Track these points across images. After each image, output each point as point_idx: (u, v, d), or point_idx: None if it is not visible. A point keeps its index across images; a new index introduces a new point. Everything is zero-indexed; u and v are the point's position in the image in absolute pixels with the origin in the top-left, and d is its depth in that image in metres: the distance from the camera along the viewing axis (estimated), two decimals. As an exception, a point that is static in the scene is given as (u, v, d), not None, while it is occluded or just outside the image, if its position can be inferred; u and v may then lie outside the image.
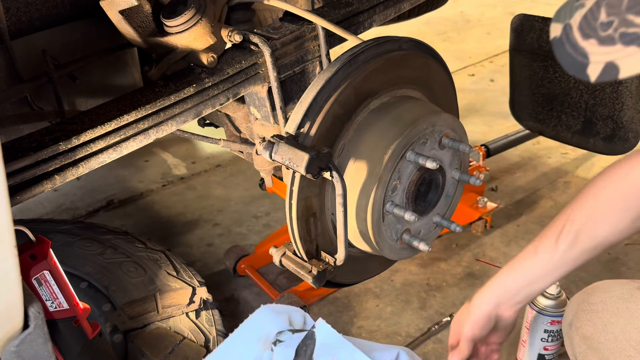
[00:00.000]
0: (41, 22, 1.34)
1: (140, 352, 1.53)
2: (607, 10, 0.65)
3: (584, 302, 1.17)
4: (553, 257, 1.07)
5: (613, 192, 1.05)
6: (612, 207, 1.05)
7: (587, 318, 1.14)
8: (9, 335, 0.85)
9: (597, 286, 1.19)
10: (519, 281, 1.12)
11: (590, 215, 1.05)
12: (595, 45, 0.66)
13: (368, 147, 1.30)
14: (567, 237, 1.06)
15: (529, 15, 1.95)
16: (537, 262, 1.09)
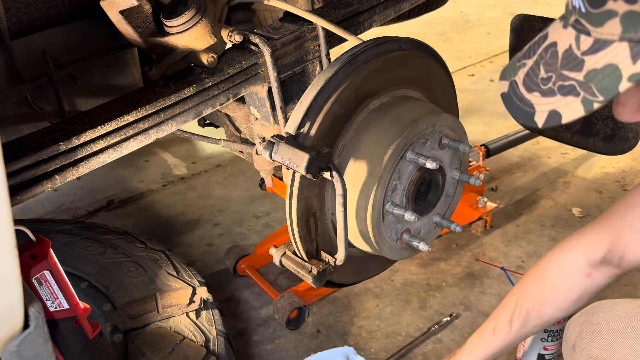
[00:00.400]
0: (41, 22, 1.34)
1: (141, 352, 1.53)
2: (545, 68, 0.76)
3: (586, 322, 1.17)
4: (508, 335, 1.25)
5: (554, 278, 1.21)
6: (555, 292, 1.22)
7: (592, 339, 1.13)
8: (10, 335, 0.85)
9: (599, 305, 1.18)
10: (481, 357, 1.31)
11: (536, 300, 1.23)
12: (539, 97, 0.76)
13: (368, 147, 1.30)
14: (519, 319, 1.24)
15: (529, 15, 1.95)
16: (495, 340, 1.28)
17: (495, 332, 1.26)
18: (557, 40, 0.76)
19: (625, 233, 1.12)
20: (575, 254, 1.19)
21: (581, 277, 1.18)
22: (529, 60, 0.79)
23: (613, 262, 1.14)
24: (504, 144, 2.58)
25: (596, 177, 2.64)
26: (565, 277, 1.20)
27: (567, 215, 2.39)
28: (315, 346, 1.82)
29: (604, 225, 1.17)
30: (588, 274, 1.17)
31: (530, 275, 1.27)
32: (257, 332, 1.89)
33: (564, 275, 1.20)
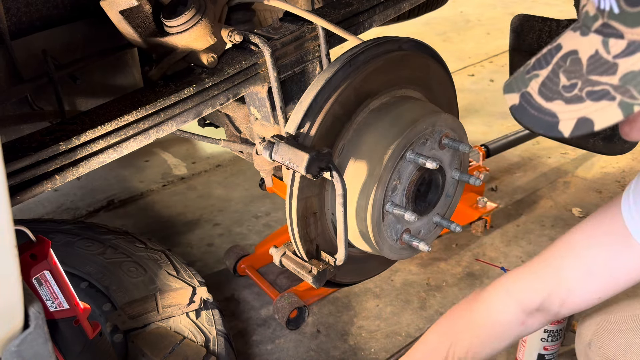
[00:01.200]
0: (41, 22, 1.34)
1: (141, 352, 1.53)
2: (567, 75, 0.73)
3: (603, 320, 1.16)
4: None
5: (487, 327, 1.17)
6: (489, 340, 1.18)
7: (609, 338, 1.13)
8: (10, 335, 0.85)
9: (616, 304, 1.18)
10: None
11: (469, 349, 1.18)
12: (562, 105, 0.73)
13: (368, 147, 1.30)
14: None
15: (529, 15, 1.95)
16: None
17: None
18: (576, 48, 0.73)
19: (567, 278, 1.07)
20: (510, 302, 1.13)
21: (516, 325, 1.14)
22: (543, 71, 0.77)
23: (551, 309, 1.10)
24: (504, 144, 2.58)
25: (596, 177, 2.64)
26: (499, 325, 1.16)
27: (567, 215, 2.39)
28: (315, 346, 1.82)
29: (542, 269, 1.11)
30: (522, 322, 1.13)
31: (459, 319, 1.22)
32: (257, 332, 1.89)
33: (498, 324, 1.16)
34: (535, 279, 1.11)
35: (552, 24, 1.88)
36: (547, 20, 1.89)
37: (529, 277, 1.12)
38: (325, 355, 1.79)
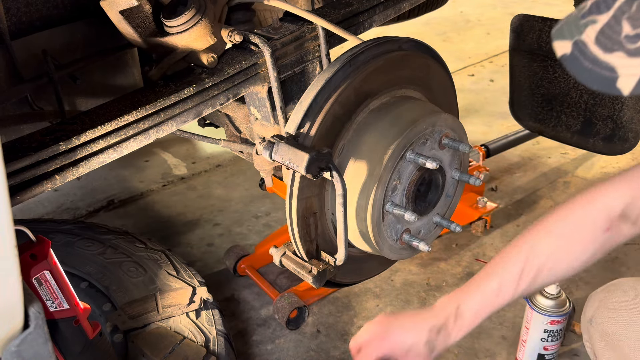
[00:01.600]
0: (41, 22, 1.34)
1: (141, 352, 1.53)
2: (631, 23, 0.63)
3: (605, 299, 1.18)
4: (514, 294, 1.11)
5: (572, 230, 1.08)
6: (572, 245, 1.08)
7: (609, 315, 1.15)
8: (10, 335, 0.85)
9: (620, 283, 1.20)
10: (484, 318, 1.13)
11: (550, 255, 1.08)
12: (624, 58, 0.64)
13: (368, 147, 1.30)
14: (528, 277, 1.08)
15: (529, 15, 1.95)
16: (499, 300, 1.12)
17: (499, 294, 1.10)
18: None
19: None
20: (597, 205, 1.06)
21: (601, 231, 1.05)
22: (602, 16, 0.66)
23: (631, 217, 1.04)
24: (504, 144, 2.58)
25: (596, 177, 2.64)
26: (584, 229, 1.07)
27: (567, 215, 2.38)
28: (315, 346, 1.82)
29: (625, 178, 1.06)
30: (607, 228, 1.05)
31: (541, 228, 1.11)
32: (257, 332, 1.89)
33: (583, 228, 1.07)
34: (618, 187, 1.06)
35: (552, 24, 1.88)
36: (547, 20, 1.89)
37: (613, 186, 1.07)
38: (325, 355, 1.79)
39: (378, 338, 1.11)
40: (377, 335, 1.11)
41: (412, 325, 1.10)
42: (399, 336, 1.09)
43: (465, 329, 1.10)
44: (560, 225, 1.09)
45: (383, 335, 1.11)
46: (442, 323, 1.09)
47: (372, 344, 1.11)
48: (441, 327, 1.09)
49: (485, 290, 1.11)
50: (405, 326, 1.11)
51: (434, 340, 1.08)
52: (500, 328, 1.85)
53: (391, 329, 1.11)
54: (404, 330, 1.10)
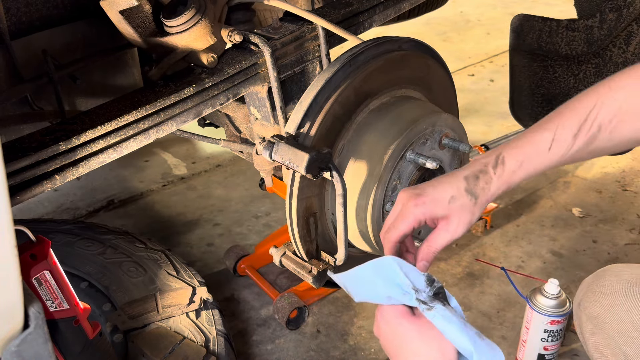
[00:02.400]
0: (41, 22, 1.34)
1: (141, 352, 1.53)
2: None
3: (593, 283, 1.20)
4: (566, 153, 0.96)
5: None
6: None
7: (595, 299, 1.17)
8: (9, 335, 0.85)
9: (609, 269, 1.21)
10: (530, 173, 0.98)
11: (617, 113, 0.93)
12: None
13: (368, 147, 1.30)
14: (587, 135, 0.94)
15: (529, 15, 1.95)
16: (549, 157, 0.97)
17: (552, 149, 0.96)
18: None
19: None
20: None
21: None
22: None
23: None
24: (504, 144, 2.58)
25: (596, 177, 2.64)
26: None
27: (567, 215, 2.39)
28: (315, 346, 1.82)
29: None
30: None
31: (612, 83, 0.96)
32: (257, 332, 1.89)
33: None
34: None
35: (552, 24, 1.88)
36: (548, 20, 1.89)
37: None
38: (325, 355, 1.79)
39: (410, 204, 0.95)
40: (408, 202, 0.96)
41: (445, 179, 0.97)
42: (435, 192, 0.95)
43: (507, 179, 0.96)
44: (636, 82, 0.94)
45: (415, 199, 0.95)
46: (480, 169, 0.96)
47: (405, 213, 0.96)
48: (479, 172, 0.96)
49: (535, 141, 0.96)
50: (437, 183, 0.97)
51: (473, 187, 0.95)
52: (500, 328, 1.85)
53: (422, 190, 0.96)
54: (438, 185, 0.96)
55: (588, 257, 2.14)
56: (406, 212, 0.97)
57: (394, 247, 1.01)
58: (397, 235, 0.99)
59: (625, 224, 2.32)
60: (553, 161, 0.96)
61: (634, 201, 2.46)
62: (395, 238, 0.99)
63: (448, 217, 0.96)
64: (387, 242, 1.01)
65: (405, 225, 0.97)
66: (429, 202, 0.95)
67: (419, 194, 0.96)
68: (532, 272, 2.07)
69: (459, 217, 0.96)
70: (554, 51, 1.90)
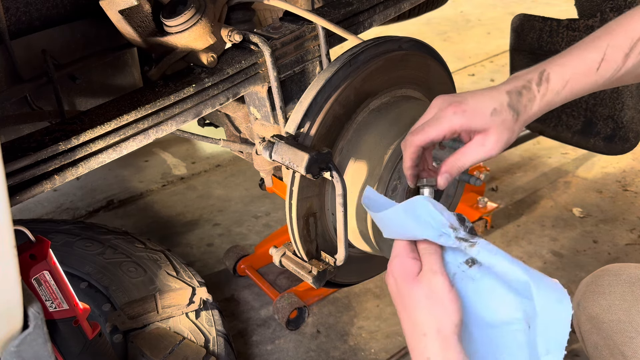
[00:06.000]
0: (41, 22, 1.33)
1: (140, 352, 1.53)
2: None
3: (592, 283, 1.20)
4: (615, 73, 0.89)
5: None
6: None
7: (593, 299, 1.17)
8: (9, 335, 0.84)
9: (608, 269, 1.21)
10: (575, 92, 0.92)
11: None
12: None
13: (368, 147, 1.29)
14: (638, 56, 0.87)
15: (529, 15, 1.95)
16: (595, 77, 0.90)
17: (600, 69, 0.89)
18: None
19: None
20: None
21: None
22: None
23: None
24: (504, 144, 2.58)
25: (597, 177, 2.64)
26: None
27: (568, 215, 2.38)
28: (315, 346, 1.82)
29: None
30: None
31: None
32: (256, 333, 1.88)
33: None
34: None
35: (553, 23, 1.88)
36: (548, 20, 1.89)
37: None
38: (325, 356, 1.79)
39: (449, 111, 0.88)
40: (447, 107, 0.89)
41: (487, 92, 0.90)
42: (476, 103, 0.88)
43: (549, 99, 0.90)
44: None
45: (455, 107, 0.88)
46: (523, 85, 0.89)
47: (440, 118, 0.89)
48: (522, 89, 0.89)
49: (582, 60, 0.89)
50: (478, 94, 0.89)
51: (516, 103, 0.88)
52: (501, 328, 1.85)
53: (462, 98, 0.89)
54: (479, 96, 0.89)
55: (588, 258, 2.14)
56: (442, 117, 0.88)
57: (415, 153, 0.93)
58: (423, 139, 0.90)
59: (625, 224, 2.32)
60: (599, 83, 0.90)
61: (635, 201, 2.46)
62: (420, 142, 0.90)
63: (487, 132, 0.88)
64: (410, 145, 0.92)
65: (436, 131, 0.89)
66: (469, 112, 0.87)
67: (459, 102, 0.88)
68: (533, 272, 2.07)
69: (498, 133, 0.88)
70: (554, 51, 1.90)
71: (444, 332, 0.79)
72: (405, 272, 0.85)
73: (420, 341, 0.80)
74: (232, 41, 1.30)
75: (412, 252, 0.86)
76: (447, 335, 0.79)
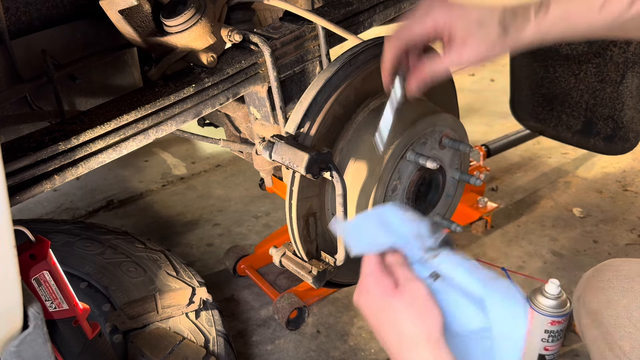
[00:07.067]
0: (41, 22, 1.33)
1: (140, 353, 1.53)
2: None
3: (593, 278, 1.20)
4: (617, 18, 0.85)
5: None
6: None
7: (593, 294, 1.17)
8: (9, 335, 0.84)
9: (608, 264, 1.21)
10: (564, 17, 0.86)
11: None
12: None
13: (368, 147, 1.29)
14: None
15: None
16: (599, 16, 0.86)
17: (604, 7, 0.85)
18: None
19: None
20: None
21: None
22: None
23: None
24: (504, 144, 2.58)
25: (597, 177, 2.64)
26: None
27: (568, 215, 2.38)
28: (315, 347, 1.82)
29: None
30: None
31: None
32: (256, 333, 1.88)
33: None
34: None
35: (553, 23, 1.87)
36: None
37: None
38: (325, 356, 1.79)
39: (436, 6, 0.86)
40: (434, 3, 0.87)
41: (483, 7, 0.87)
42: (465, 8, 0.86)
43: (545, 28, 0.86)
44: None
45: (442, 3, 0.86)
46: (521, 7, 0.86)
47: (425, 15, 0.87)
48: (519, 9, 0.86)
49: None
50: (472, 5, 0.88)
51: (507, 21, 0.85)
52: (501, 328, 1.85)
53: (456, 4, 0.86)
54: (471, 6, 0.87)
55: (589, 258, 2.14)
56: (428, 14, 0.86)
57: (398, 48, 0.90)
58: (406, 36, 0.88)
59: (625, 224, 2.32)
60: (600, 24, 0.85)
61: (635, 201, 2.46)
62: (404, 36, 0.89)
63: (466, 39, 0.86)
64: (391, 43, 0.90)
65: (420, 27, 0.86)
66: (456, 13, 0.85)
67: (448, 2, 0.87)
68: (533, 272, 2.07)
69: (476, 43, 0.86)
70: (554, 51, 1.90)
71: (433, 337, 0.80)
72: (383, 287, 0.86)
73: (412, 352, 0.81)
74: (232, 41, 1.30)
75: (385, 268, 0.88)
76: (437, 339, 0.80)
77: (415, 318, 0.82)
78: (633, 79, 1.79)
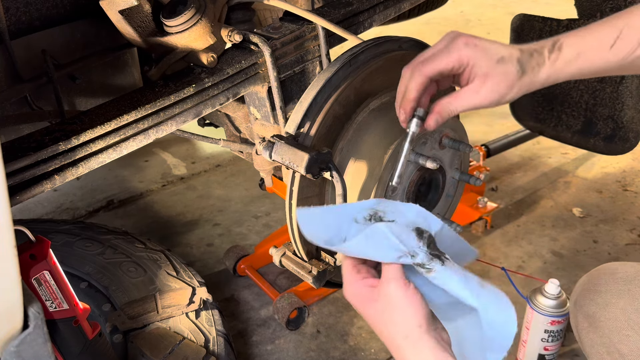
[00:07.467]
0: (41, 22, 1.33)
1: (140, 352, 1.53)
2: None
3: (589, 282, 1.21)
4: (627, 57, 0.88)
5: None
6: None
7: (590, 297, 1.18)
8: (9, 335, 0.84)
9: (605, 267, 1.22)
10: (584, 68, 0.90)
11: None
12: None
13: (368, 147, 1.29)
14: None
15: (529, 15, 1.95)
16: (608, 56, 0.89)
17: (614, 47, 0.87)
18: None
19: None
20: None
21: None
22: None
23: None
24: (504, 144, 2.58)
25: (597, 177, 2.64)
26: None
27: (568, 215, 2.38)
28: (315, 347, 1.82)
29: None
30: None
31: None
32: (256, 333, 1.88)
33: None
34: None
35: (553, 23, 1.88)
36: (548, 20, 1.89)
37: None
38: (325, 356, 1.79)
39: (460, 42, 0.88)
40: (459, 38, 0.89)
41: (502, 45, 0.89)
42: (488, 44, 0.88)
43: (559, 68, 0.89)
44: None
45: (467, 39, 0.88)
46: (535, 49, 0.89)
47: (451, 48, 0.88)
48: (534, 51, 0.89)
49: (598, 35, 0.89)
50: (492, 40, 0.89)
51: (525, 61, 0.88)
52: (501, 328, 1.85)
53: (476, 36, 0.89)
54: (492, 41, 0.89)
55: (588, 258, 2.14)
56: (452, 47, 0.88)
57: (424, 84, 0.91)
58: (432, 69, 0.89)
59: (625, 224, 2.32)
60: (611, 62, 0.89)
61: (635, 201, 2.46)
62: (429, 71, 0.90)
63: (486, 78, 0.88)
64: (420, 74, 0.91)
65: (445, 60, 0.88)
66: (480, 48, 0.87)
67: (472, 36, 0.89)
68: (533, 272, 2.07)
69: (497, 83, 0.88)
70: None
71: (411, 336, 0.79)
72: (359, 297, 0.85)
73: (398, 352, 0.81)
74: (232, 41, 1.30)
75: (359, 273, 0.86)
76: (416, 337, 0.79)
77: (390, 321, 0.81)
78: (633, 78, 1.79)
